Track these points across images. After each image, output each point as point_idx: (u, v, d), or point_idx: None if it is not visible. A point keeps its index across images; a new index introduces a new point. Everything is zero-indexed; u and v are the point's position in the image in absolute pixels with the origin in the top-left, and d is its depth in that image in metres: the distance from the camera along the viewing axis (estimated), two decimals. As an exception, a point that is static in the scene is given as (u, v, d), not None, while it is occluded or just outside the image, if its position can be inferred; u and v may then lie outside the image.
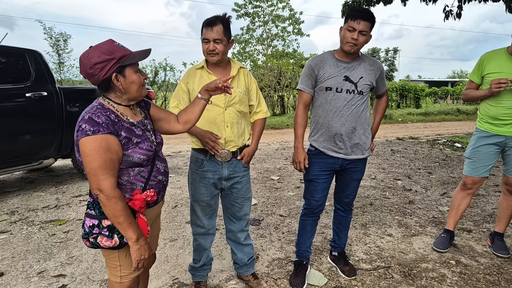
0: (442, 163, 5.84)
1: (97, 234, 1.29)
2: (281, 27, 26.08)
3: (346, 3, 7.27)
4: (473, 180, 2.59)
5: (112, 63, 1.25)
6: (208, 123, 1.92)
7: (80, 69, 1.29)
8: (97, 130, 1.20)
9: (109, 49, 1.26)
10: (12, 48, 3.91)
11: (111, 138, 1.24)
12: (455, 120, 14.41)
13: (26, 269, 2.45)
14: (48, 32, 14.06)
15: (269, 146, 7.57)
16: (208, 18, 1.86)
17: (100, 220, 1.30)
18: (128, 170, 1.33)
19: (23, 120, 3.84)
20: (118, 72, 1.28)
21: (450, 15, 6.68)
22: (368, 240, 2.89)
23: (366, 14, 1.92)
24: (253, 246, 2.26)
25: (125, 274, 1.42)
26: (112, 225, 1.30)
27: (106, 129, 1.22)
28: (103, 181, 1.21)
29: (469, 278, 2.31)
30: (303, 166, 2.14)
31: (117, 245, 1.31)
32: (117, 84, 1.29)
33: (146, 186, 1.38)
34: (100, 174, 1.20)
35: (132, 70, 1.31)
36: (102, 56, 1.24)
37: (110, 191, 1.22)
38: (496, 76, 2.37)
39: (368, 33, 1.96)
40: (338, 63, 2.07)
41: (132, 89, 1.33)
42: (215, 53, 1.85)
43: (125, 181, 1.34)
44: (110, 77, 1.27)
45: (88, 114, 1.23)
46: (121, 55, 1.27)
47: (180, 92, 1.98)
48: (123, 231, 1.26)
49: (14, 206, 3.73)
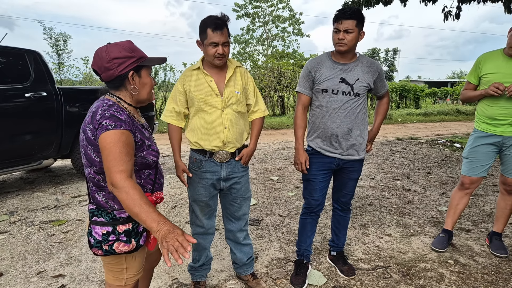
0: (441, 163, 5.85)
1: (114, 241, 1.26)
2: (281, 27, 26.12)
3: (346, 4, 7.30)
4: (471, 180, 2.60)
5: (132, 61, 1.26)
6: (206, 125, 1.91)
7: (94, 62, 1.27)
8: (119, 125, 1.19)
9: (130, 47, 1.27)
10: (11, 48, 3.91)
11: (130, 135, 1.22)
12: (454, 120, 14.42)
13: (26, 269, 2.45)
14: (48, 32, 14.08)
15: (269, 147, 7.57)
16: (209, 20, 1.78)
17: (114, 226, 1.27)
18: (139, 173, 1.33)
19: (23, 120, 3.84)
20: (135, 70, 1.29)
21: (449, 15, 6.69)
22: (367, 240, 2.90)
23: (346, 13, 1.95)
24: (252, 246, 2.26)
25: (130, 276, 1.39)
26: (129, 230, 1.27)
27: (127, 126, 1.22)
28: (116, 173, 1.15)
29: (467, 277, 2.32)
30: (304, 167, 2.15)
31: (134, 248, 1.29)
32: (131, 82, 1.29)
33: (153, 188, 1.40)
34: (115, 166, 1.15)
35: (147, 72, 1.33)
36: (122, 52, 1.24)
37: (123, 181, 1.14)
38: (493, 77, 2.39)
39: (355, 30, 1.96)
40: (334, 65, 2.08)
41: (144, 91, 1.34)
42: (223, 56, 1.84)
43: (138, 184, 1.32)
44: (126, 74, 1.27)
45: (110, 112, 1.21)
46: (141, 55, 1.29)
47: (177, 94, 1.95)
48: (142, 222, 1.14)
49: (13, 206, 3.73)
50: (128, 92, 1.32)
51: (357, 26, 1.96)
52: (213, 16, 1.82)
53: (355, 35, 1.97)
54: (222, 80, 1.93)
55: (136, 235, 1.28)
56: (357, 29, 1.97)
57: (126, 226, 1.27)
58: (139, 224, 1.29)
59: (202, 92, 1.90)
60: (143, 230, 1.32)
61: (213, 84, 1.90)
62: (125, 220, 1.28)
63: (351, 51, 2.05)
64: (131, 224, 1.28)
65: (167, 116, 1.98)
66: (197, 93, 1.90)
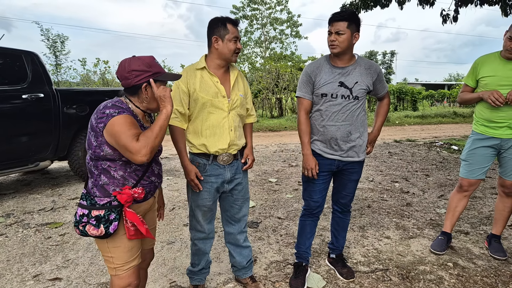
0: (439, 166, 5.87)
1: (86, 223, 1.38)
2: (279, 29, 26.22)
3: (344, 6, 7.33)
4: (469, 182, 2.60)
5: (147, 75, 1.43)
6: (212, 127, 1.87)
7: (117, 70, 1.47)
8: (121, 111, 1.37)
9: (149, 63, 1.44)
10: (8, 49, 3.89)
11: (133, 118, 1.39)
12: (452, 122, 14.49)
13: (22, 272, 2.42)
14: (45, 34, 14.05)
15: (267, 149, 7.57)
16: (225, 17, 1.83)
17: (90, 210, 1.39)
18: (126, 165, 1.44)
19: (20, 122, 3.81)
20: (149, 83, 1.44)
21: (447, 18, 6.74)
22: (366, 243, 2.89)
23: (338, 15, 1.96)
24: (251, 249, 2.25)
25: (118, 265, 1.48)
26: (100, 216, 1.38)
27: (128, 112, 1.40)
28: (135, 144, 1.32)
29: (466, 280, 2.32)
30: (315, 172, 2.13)
31: (103, 234, 1.38)
32: (144, 93, 1.45)
33: (137, 183, 1.48)
34: (131, 142, 1.32)
35: (161, 85, 1.47)
36: (141, 66, 1.42)
37: (139, 144, 1.32)
38: (490, 80, 2.41)
39: (347, 32, 1.95)
40: (333, 69, 2.08)
41: (155, 102, 1.48)
42: (239, 52, 1.87)
43: (120, 175, 1.43)
44: (141, 85, 1.43)
45: (111, 102, 1.41)
46: (157, 71, 1.45)
47: (180, 94, 1.84)
48: (167, 119, 1.42)
49: (9, 208, 3.70)
50: (141, 100, 1.48)
51: (349, 27, 1.95)
52: (223, 16, 1.85)
53: (347, 36, 1.96)
54: (227, 82, 1.91)
55: (106, 222, 1.38)
56: (349, 30, 1.96)
57: (99, 212, 1.38)
58: (111, 213, 1.39)
59: (208, 93, 1.85)
60: (114, 219, 1.40)
61: (219, 86, 1.87)
62: (100, 206, 1.39)
63: (346, 53, 2.04)
64: (103, 211, 1.39)
65: (171, 117, 1.92)
66: (203, 94, 1.84)
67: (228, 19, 1.82)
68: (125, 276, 1.49)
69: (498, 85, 2.38)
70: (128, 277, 1.50)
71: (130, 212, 1.41)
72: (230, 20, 1.81)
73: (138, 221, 1.42)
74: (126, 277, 1.49)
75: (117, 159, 1.41)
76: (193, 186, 1.92)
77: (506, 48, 2.33)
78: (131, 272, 1.51)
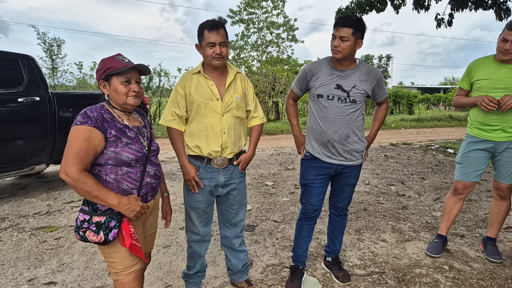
0: (435, 169, 5.90)
1: (86, 229, 1.38)
2: (276, 33, 26.31)
3: (340, 11, 7.38)
4: (464, 185, 2.62)
5: (102, 72, 1.46)
6: (205, 129, 1.89)
7: None
8: (85, 121, 1.35)
9: (105, 61, 1.46)
10: (4, 52, 3.88)
11: (95, 132, 1.36)
12: (447, 126, 14.57)
13: (16, 276, 2.40)
14: (42, 37, 14.01)
15: (264, 152, 7.57)
16: (207, 21, 1.82)
17: (91, 216, 1.39)
18: (116, 168, 1.43)
19: (15, 125, 3.79)
20: (105, 80, 1.47)
21: (442, 23, 6.80)
22: (362, 246, 2.89)
23: (344, 21, 1.94)
24: (247, 252, 2.25)
25: (120, 270, 1.47)
26: (100, 222, 1.38)
27: (94, 123, 1.36)
28: (72, 166, 1.30)
29: (462, 283, 2.32)
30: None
31: (102, 241, 1.38)
32: (103, 90, 1.49)
33: (141, 188, 1.50)
34: (71, 159, 1.31)
35: (118, 80, 1.45)
36: (99, 66, 1.47)
37: (75, 174, 1.29)
38: (485, 83, 2.43)
39: (351, 39, 1.95)
40: (332, 71, 2.09)
41: (118, 97, 1.47)
42: (222, 56, 1.83)
43: (112, 179, 1.43)
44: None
45: (86, 109, 1.40)
46: (109, 66, 1.45)
47: (178, 97, 1.90)
48: (103, 202, 1.35)
49: (4, 212, 3.67)
50: (111, 98, 1.50)
51: (354, 34, 1.95)
52: (210, 19, 1.84)
53: (350, 43, 1.96)
54: (223, 84, 1.92)
55: (105, 229, 1.38)
56: (353, 37, 1.95)
57: (100, 218, 1.38)
58: (111, 220, 1.39)
59: (202, 95, 1.87)
60: (114, 226, 1.39)
61: (214, 88, 1.88)
62: (101, 213, 1.39)
63: (348, 59, 2.05)
64: (104, 217, 1.39)
65: (168, 120, 1.92)
66: (197, 97, 1.87)
67: (205, 25, 1.81)
68: (127, 281, 1.48)
69: (492, 88, 2.40)
70: (130, 282, 1.49)
71: (125, 225, 1.41)
72: (206, 26, 1.80)
73: (128, 234, 1.41)
74: (128, 282, 1.49)
75: (103, 163, 1.40)
76: (190, 186, 1.94)
77: (499, 49, 2.36)
78: (133, 277, 1.50)
